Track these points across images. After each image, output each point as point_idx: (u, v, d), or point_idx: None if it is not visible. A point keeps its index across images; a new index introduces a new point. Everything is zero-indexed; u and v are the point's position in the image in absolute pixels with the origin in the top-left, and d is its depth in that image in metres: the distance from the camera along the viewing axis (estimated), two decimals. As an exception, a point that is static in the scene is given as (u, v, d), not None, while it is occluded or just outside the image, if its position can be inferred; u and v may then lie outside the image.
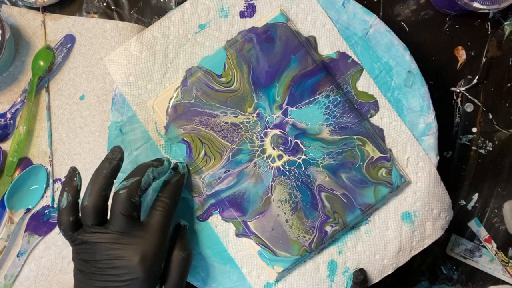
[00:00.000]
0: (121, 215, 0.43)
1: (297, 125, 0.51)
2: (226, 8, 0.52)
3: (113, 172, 0.44)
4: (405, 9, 0.60)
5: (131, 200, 0.43)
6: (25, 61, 0.58)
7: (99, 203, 0.43)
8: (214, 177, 0.50)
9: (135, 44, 0.51)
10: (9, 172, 0.57)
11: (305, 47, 0.51)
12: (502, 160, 0.59)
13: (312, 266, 0.51)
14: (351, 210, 0.50)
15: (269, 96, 0.51)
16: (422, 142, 0.52)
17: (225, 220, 0.51)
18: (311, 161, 0.51)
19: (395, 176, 0.50)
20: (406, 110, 0.52)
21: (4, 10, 0.58)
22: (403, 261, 0.51)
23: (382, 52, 0.53)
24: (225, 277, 0.51)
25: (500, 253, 0.58)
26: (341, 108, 0.51)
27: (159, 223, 0.44)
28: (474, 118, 0.60)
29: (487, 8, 0.53)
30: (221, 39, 0.52)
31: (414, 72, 0.52)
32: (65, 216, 0.44)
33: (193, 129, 0.51)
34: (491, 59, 0.60)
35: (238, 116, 0.51)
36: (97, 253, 0.43)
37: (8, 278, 0.56)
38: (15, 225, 0.57)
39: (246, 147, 0.51)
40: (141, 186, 0.44)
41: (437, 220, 0.51)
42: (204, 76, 0.51)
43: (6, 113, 0.57)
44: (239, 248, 0.51)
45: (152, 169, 0.45)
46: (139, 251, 0.42)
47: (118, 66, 0.51)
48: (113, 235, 0.43)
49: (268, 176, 0.51)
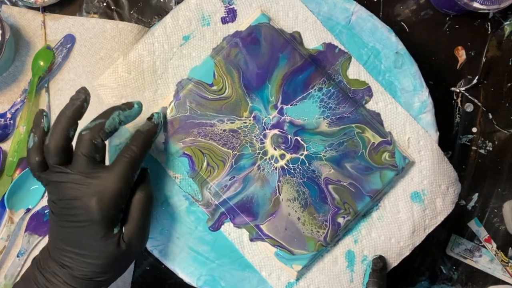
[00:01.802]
0: (82, 156, 0.43)
1: (294, 122, 0.51)
2: (207, 16, 0.52)
3: (76, 112, 0.44)
4: (405, 9, 0.60)
5: (93, 141, 0.43)
6: (25, 61, 0.58)
7: (61, 143, 0.43)
8: (220, 185, 0.50)
9: (123, 65, 0.51)
10: (9, 172, 0.57)
11: (291, 44, 0.51)
12: (502, 160, 0.59)
13: (330, 259, 0.51)
14: (360, 198, 0.50)
15: (263, 98, 0.51)
16: (420, 121, 0.52)
17: (238, 226, 0.51)
18: (313, 155, 0.51)
19: (399, 158, 0.51)
20: (400, 91, 0.52)
21: (4, 10, 0.58)
22: (419, 241, 0.51)
23: (368, 37, 0.53)
24: (246, 283, 0.51)
25: (500, 253, 0.59)
26: (336, 99, 0.51)
27: (122, 168, 0.44)
28: (474, 118, 0.60)
29: (487, 8, 0.53)
30: (207, 48, 0.52)
31: (401, 52, 0.52)
32: (32, 156, 0.44)
33: (192, 141, 0.51)
34: (491, 59, 0.60)
35: (235, 122, 0.51)
36: (60, 192, 0.43)
37: (8, 278, 0.56)
38: (15, 225, 0.57)
39: (248, 151, 0.51)
40: (105, 128, 0.44)
41: (446, 195, 0.52)
42: (195, 87, 0.51)
43: (6, 113, 0.58)
44: (255, 252, 0.51)
45: (118, 112, 0.45)
46: (96, 192, 0.43)
47: (109, 90, 0.51)
48: (74, 175, 0.43)
49: (274, 176, 0.51)
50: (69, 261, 0.44)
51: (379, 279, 0.50)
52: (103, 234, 0.43)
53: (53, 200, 0.44)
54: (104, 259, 0.44)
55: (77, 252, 0.44)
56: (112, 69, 0.51)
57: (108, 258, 0.44)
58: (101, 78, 0.51)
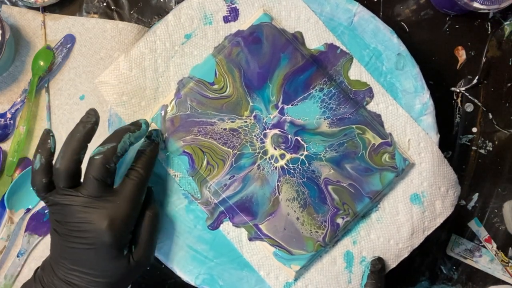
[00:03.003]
0: (94, 180, 0.43)
1: (295, 122, 0.51)
2: (209, 15, 0.52)
3: (87, 135, 0.44)
4: (405, 9, 0.60)
5: (106, 166, 0.43)
6: (25, 61, 0.58)
7: (72, 166, 0.43)
8: (220, 184, 0.50)
9: (124, 62, 0.51)
10: (9, 172, 0.57)
11: (292, 44, 0.51)
12: (502, 160, 0.59)
13: (328, 260, 0.51)
14: (359, 199, 0.50)
15: (264, 97, 0.51)
16: (421, 123, 0.52)
17: (236, 226, 0.51)
18: (313, 156, 0.51)
19: (399, 160, 0.51)
20: (401, 92, 0.52)
21: (4, 10, 0.58)
22: (417, 243, 0.51)
23: (370, 38, 0.53)
24: (244, 282, 0.51)
25: (500, 253, 0.58)
26: (336, 99, 0.51)
27: (131, 191, 0.44)
28: (474, 118, 0.60)
29: (487, 8, 0.53)
30: (209, 47, 0.52)
31: (403, 54, 0.52)
32: (38, 177, 0.44)
33: (193, 139, 0.51)
34: (491, 59, 0.59)
35: (236, 121, 0.51)
36: (67, 215, 0.43)
37: (8, 278, 0.56)
38: (15, 225, 0.57)
39: (248, 151, 0.51)
40: (117, 152, 0.44)
41: (446, 197, 0.52)
42: (196, 85, 0.51)
43: (6, 113, 0.58)
44: (254, 251, 0.51)
45: (129, 134, 0.45)
46: (107, 216, 0.43)
47: (110, 87, 0.51)
48: (84, 198, 0.43)
49: (273, 176, 0.50)
50: (77, 279, 0.44)
51: (377, 280, 0.50)
52: (114, 256, 0.43)
53: (57, 220, 0.44)
54: (114, 278, 0.44)
55: (85, 271, 0.44)
56: (113, 66, 0.51)
57: (118, 276, 0.44)
58: (102, 75, 0.51)
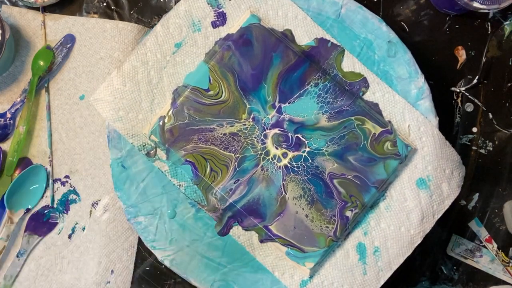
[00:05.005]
0: None
1: (294, 119, 0.51)
2: (197, 22, 0.52)
3: None
4: (405, 9, 0.60)
5: None
6: (25, 61, 0.58)
7: None
8: (225, 190, 0.50)
9: (117, 78, 0.51)
10: (9, 172, 0.57)
11: (283, 42, 0.51)
12: (502, 160, 0.59)
13: (341, 253, 0.51)
14: (366, 190, 0.50)
15: (260, 98, 0.51)
16: (419, 107, 0.52)
17: (246, 229, 0.51)
18: (316, 151, 0.51)
19: (401, 147, 0.50)
20: (396, 79, 0.52)
21: (4, 10, 0.58)
22: (429, 228, 0.51)
23: (359, 29, 0.53)
24: (259, 285, 0.51)
25: (500, 253, 0.58)
26: (333, 93, 0.51)
27: None
28: (474, 118, 0.59)
29: (487, 8, 0.53)
30: (200, 54, 0.52)
31: (394, 41, 0.53)
32: None
33: (194, 148, 0.50)
34: (491, 59, 0.59)
35: (235, 125, 0.51)
36: None
37: (8, 278, 0.56)
38: (15, 225, 0.56)
39: (250, 153, 0.51)
40: None
41: (451, 179, 0.51)
42: (191, 93, 0.51)
43: (6, 113, 0.57)
44: (266, 253, 0.51)
45: None
46: None
47: (105, 103, 0.51)
48: None
49: (278, 176, 0.50)
50: None
51: None
52: None
53: None
54: None
55: None
56: (107, 83, 0.51)
57: None
58: (96, 93, 0.51)
